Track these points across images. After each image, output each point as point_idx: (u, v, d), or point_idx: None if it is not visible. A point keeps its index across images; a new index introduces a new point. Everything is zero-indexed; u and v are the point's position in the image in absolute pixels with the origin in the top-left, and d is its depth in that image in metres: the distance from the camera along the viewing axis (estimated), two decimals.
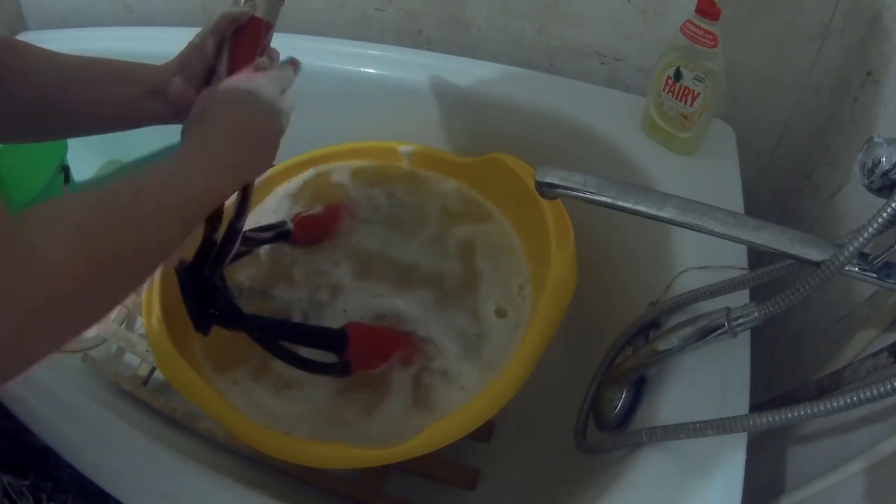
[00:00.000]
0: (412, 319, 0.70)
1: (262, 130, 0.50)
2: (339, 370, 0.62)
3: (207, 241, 0.57)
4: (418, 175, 0.87)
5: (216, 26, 0.54)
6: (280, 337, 0.61)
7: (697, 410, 0.51)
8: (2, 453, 0.59)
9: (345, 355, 0.62)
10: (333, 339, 0.62)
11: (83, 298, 0.33)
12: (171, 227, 0.41)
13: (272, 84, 0.52)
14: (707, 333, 0.46)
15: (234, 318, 0.59)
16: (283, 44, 0.57)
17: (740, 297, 0.54)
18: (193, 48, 0.54)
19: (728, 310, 0.45)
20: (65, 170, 0.91)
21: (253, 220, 0.80)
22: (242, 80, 0.51)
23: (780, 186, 0.86)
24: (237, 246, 0.58)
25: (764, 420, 0.41)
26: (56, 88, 0.51)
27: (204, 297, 0.57)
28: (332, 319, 0.72)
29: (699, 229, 0.42)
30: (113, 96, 0.53)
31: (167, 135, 0.51)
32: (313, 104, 0.95)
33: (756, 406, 0.53)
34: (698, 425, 0.44)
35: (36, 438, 0.57)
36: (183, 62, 0.54)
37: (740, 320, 0.44)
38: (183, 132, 0.49)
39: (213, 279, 0.57)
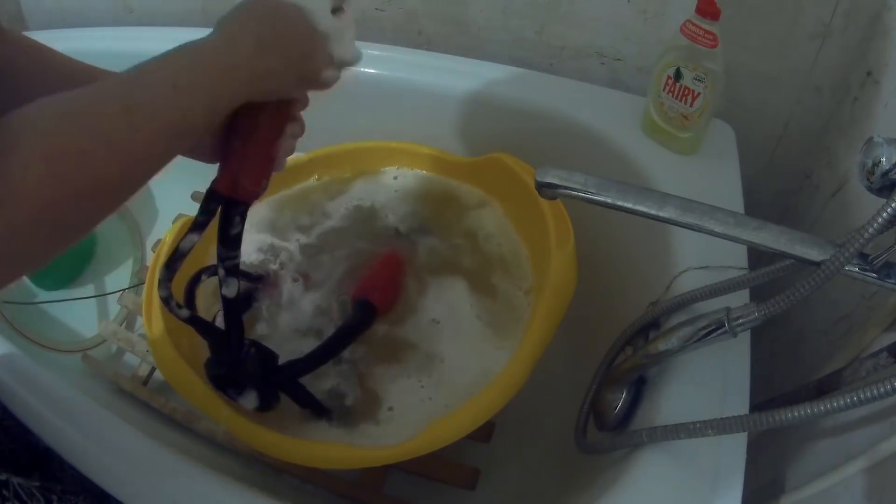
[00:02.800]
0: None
1: (302, 46, 0.44)
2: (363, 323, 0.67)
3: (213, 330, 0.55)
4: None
5: None
6: (326, 359, 0.64)
7: (697, 410, 0.51)
8: (8, 453, 0.59)
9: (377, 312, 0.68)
10: (365, 315, 0.67)
11: (55, 225, 0.32)
12: (165, 144, 0.37)
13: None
14: (707, 333, 0.46)
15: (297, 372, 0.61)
16: None
17: (740, 297, 0.54)
18: None
19: (728, 310, 0.45)
20: None
21: None
22: None
23: (780, 186, 0.86)
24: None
25: (764, 420, 0.41)
26: None
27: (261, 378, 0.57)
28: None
29: (699, 229, 0.42)
30: None
31: None
32: (311, 104, 0.96)
33: (756, 406, 0.53)
34: (698, 425, 0.44)
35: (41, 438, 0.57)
36: None
37: (740, 320, 0.44)
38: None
39: (245, 354, 0.55)
